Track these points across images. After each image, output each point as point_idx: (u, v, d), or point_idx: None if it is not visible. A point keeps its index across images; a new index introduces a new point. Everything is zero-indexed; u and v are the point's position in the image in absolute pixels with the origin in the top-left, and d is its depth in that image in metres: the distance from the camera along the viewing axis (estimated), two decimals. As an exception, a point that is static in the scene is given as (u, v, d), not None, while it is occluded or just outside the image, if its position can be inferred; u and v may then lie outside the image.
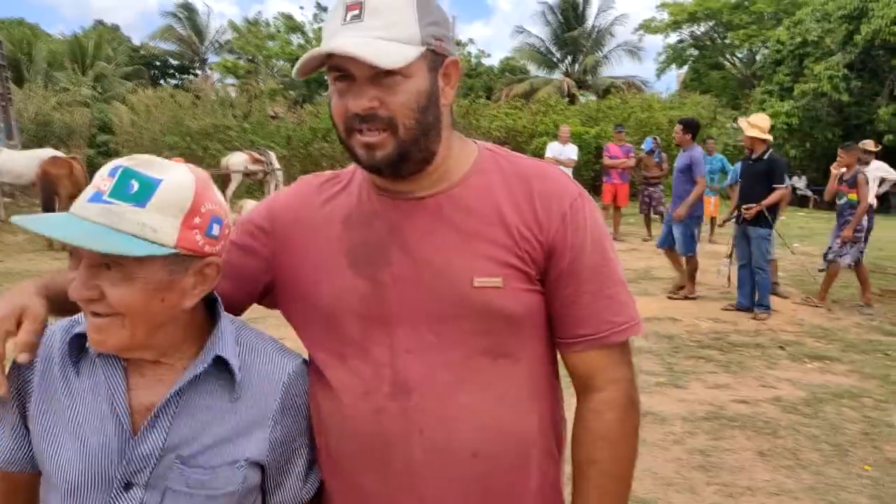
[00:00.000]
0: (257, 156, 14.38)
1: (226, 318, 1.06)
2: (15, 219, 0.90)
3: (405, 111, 1.01)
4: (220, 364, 1.02)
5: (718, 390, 4.63)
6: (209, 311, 1.07)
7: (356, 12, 1.00)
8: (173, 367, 1.01)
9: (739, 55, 27.04)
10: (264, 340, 1.12)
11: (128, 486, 0.97)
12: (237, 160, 14.13)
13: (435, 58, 1.04)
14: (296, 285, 1.16)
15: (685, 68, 28.35)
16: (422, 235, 1.08)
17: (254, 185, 15.60)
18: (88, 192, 0.91)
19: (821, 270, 8.69)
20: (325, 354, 1.14)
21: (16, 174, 10.88)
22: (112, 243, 0.87)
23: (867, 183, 6.92)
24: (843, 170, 7.04)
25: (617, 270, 1.14)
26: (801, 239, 11.53)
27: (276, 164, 14.59)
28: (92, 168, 17.33)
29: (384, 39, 0.98)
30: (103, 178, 0.91)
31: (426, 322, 1.07)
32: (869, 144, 8.13)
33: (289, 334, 1.21)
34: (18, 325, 1.00)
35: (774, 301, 6.81)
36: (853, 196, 6.89)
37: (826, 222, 12.77)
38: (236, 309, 1.20)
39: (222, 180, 14.28)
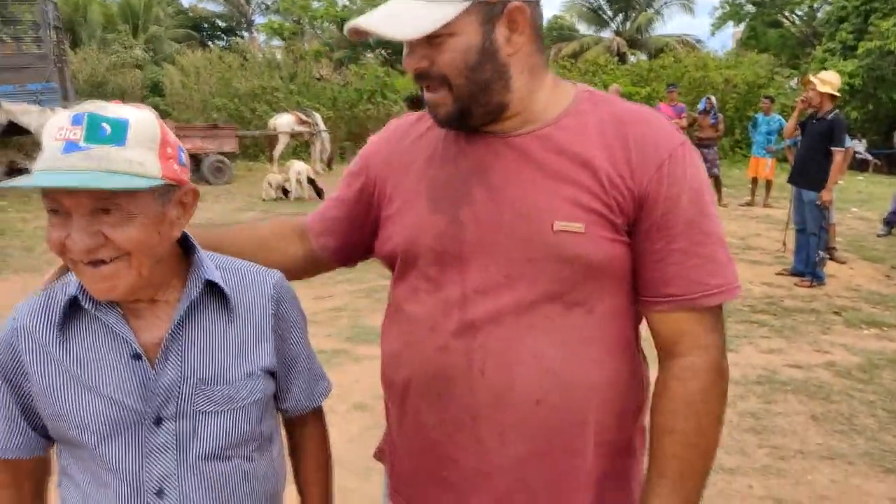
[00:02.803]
0: (303, 117, 14.45)
1: (198, 248, 1.09)
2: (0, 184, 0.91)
3: (454, 70, 1.01)
4: (210, 289, 1.05)
5: (771, 354, 4.55)
6: (182, 245, 1.10)
7: None
8: (167, 302, 1.04)
9: (799, 13, 25.79)
10: (240, 262, 1.15)
11: (158, 421, 1.01)
12: (284, 121, 14.23)
13: (490, 8, 1.00)
14: (386, 224, 1.19)
15: (742, 26, 27.22)
16: (506, 175, 1.07)
17: (300, 147, 15.74)
18: (55, 145, 0.90)
19: (879, 235, 8.40)
20: (402, 289, 1.16)
21: None
22: (116, 181, 0.89)
23: None
24: None
25: (715, 228, 1.06)
26: (859, 203, 11.12)
27: (322, 126, 14.65)
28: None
29: (422, 2, 0.98)
30: (68, 129, 0.90)
31: (499, 263, 1.05)
32: None
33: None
34: None
35: (831, 266, 6.61)
36: None
37: (887, 187, 12.27)
38: (353, 261, 1.30)
39: (269, 141, 14.44)
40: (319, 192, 11.59)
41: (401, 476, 1.21)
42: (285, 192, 11.70)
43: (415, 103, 9.55)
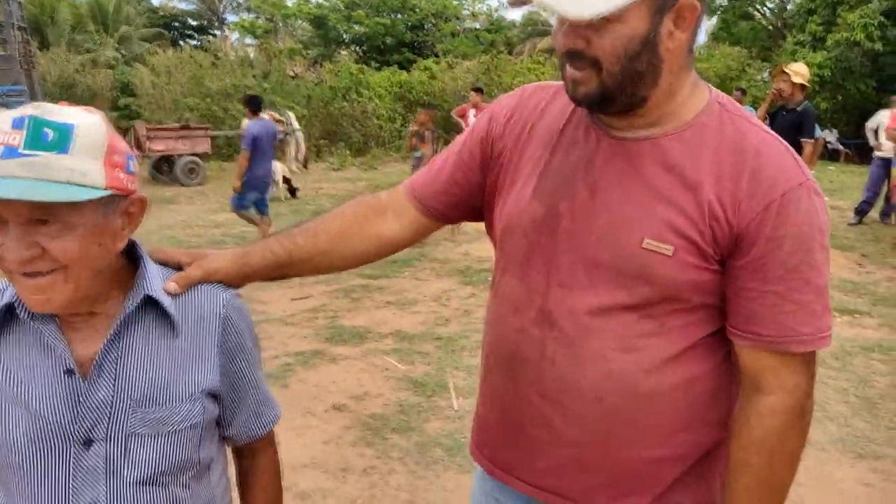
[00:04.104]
0: (277, 116, 14.33)
1: (149, 261, 1.05)
2: None
3: (611, 56, 0.98)
4: (153, 303, 1.00)
5: (745, 344, 4.60)
6: (129, 255, 1.05)
7: None
8: (106, 315, 0.99)
9: (770, 5, 26.11)
10: None
11: (88, 442, 0.95)
12: (257, 120, 14.07)
13: (664, 0, 0.97)
14: (497, 199, 1.21)
15: (714, 19, 27.49)
16: (612, 179, 1.06)
17: (275, 146, 15.58)
18: None
19: (851, 224, 8.53)
20: (499, 266, 1.21)
21: None
22: (55, 193, 0.84)
23: None
24: None
25: (819, 275, 1.02)
26: (830, 193, 11.29)
27: (296, 125, 14.54)
28: (119, 131, 17.48)
29: None
30: (9, 133, 0.86)
31: (585, 263, 1.07)
32: None
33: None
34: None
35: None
36: None
37: (857, 176, 12.48)
38: (459, 220, 1.33)
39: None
40: (293, 192, 11.50)
41: (481, 433, 1.29)
42: (260, 192, 11.57)
43: (480, 91, 9.75)
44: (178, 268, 1.11)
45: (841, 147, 17.42)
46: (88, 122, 0.90)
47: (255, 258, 1.20)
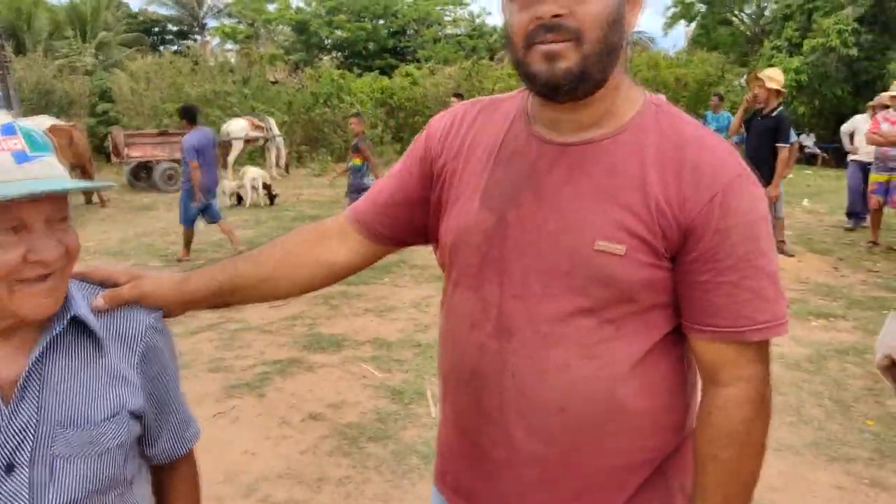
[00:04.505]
0: (257, 122, 14.27)
1: (72, 283, 1.03)
2: None
3: (594, 22, 0.98)
4: (78, 324, 0.99)
5: (722, 348, 4.62)
6: None
7: None
8: (29, 334, 0.97)
9: (748, 11, 26.46)
10: None
11: (10, 467, 0.92)
12: (237, 127, 14.03)
13: None
14: (443, 215, 1.20)
15: (693, 24, 27.80)
16: (557, 184, 1.06)
17: (255, 152, 15.51)
18: (2, 157, 0.89)
19: (847, 229, 8.60)
20: (450, 281, 1.19)
21: None
22: (83, 185, 0.93)
23: None
24: None
25: (768, 264, 1.03)
26: (808, 197, 11.44)
27: (276, 131, 14.49)
28: (93, 137, 17.32)
29: None
30: (4, 139, 0.90)
31: (538, 270, 1.06)
32: (885, 98, 7.97)
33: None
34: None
35: (780, 259, 6.72)
36: None
37: (834, 180, 12.66)
38: (406, 244, 1.31)
39: (223, 147, 14.22)
40: (273, 198, 11.45)
41: (443, 460, 1.26)
42: (240, 198, 11.53)
43: (462, 97, 9.46)
44: (113, 286, 1.09)
45: (818, 151, 17.66)
46: (39, 126, 0.97)
47: (195, 284, 1.18)
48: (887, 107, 7.47)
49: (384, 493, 2.92)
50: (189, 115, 7.52)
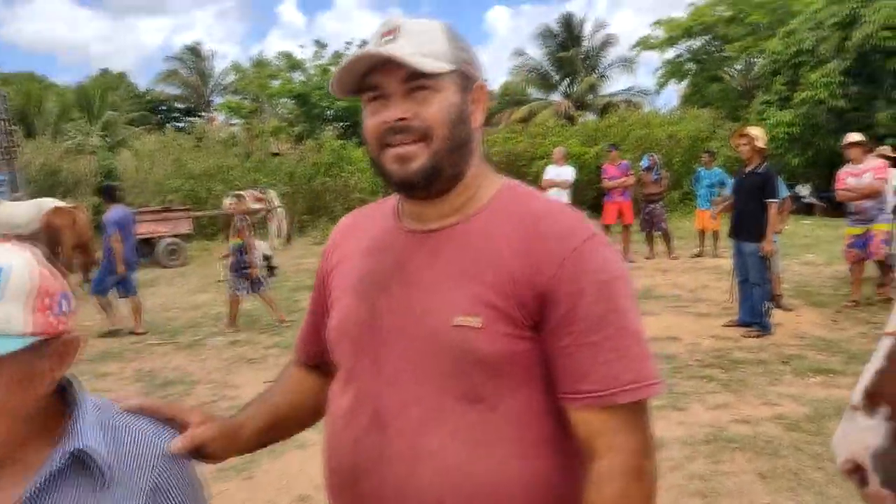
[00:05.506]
0: (259, 195, 14.49)
1: (88, 401, 0.97)
2: None
3: (440, 121, 1.05)
4: (82, 455, 0.92)
5: (719, 411, 4.55)
6: (61, 395, 0.97)
7: (390, 37, 1.05)
8: (23, 463, 0.91)
9: (738, 67, 27.04)
10: (136, 422, 1.02)
11: None
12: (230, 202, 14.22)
13: (465, 79, 1.09)
14: (329, 308, 1.24)
15: (685, 82, 28.39)
16: (419, 269, 1.10)
17: (258, 224, 15.69)
18: None
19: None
20: (335, 379, 1.19)
21: (14, 225, 10.89)
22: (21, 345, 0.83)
23: None
24: None
25: (630, 321, 1.03)
26: (806, 248, 11.41)
27: (277, 203, 14.70)
28: (98, 215, 17.53)
29: (418, 55, 1.02)
30: None
31: (409, 357, 1.07)
32: (887, 150, 8.05)
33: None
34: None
35: (778, 314, 6.71)
36: None
37: (832, 229, 12.65)
38: None
39: (225, 220, 14.39)
40: (272, 270, 11.51)
41: None
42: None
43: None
44: (182, 424, 1.11)
45: (816, 201, 17.72)
46: (16, 265, 0.87)
47: (248, 433, 1.24)
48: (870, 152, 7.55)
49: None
50: (108, 194, 8.01)
